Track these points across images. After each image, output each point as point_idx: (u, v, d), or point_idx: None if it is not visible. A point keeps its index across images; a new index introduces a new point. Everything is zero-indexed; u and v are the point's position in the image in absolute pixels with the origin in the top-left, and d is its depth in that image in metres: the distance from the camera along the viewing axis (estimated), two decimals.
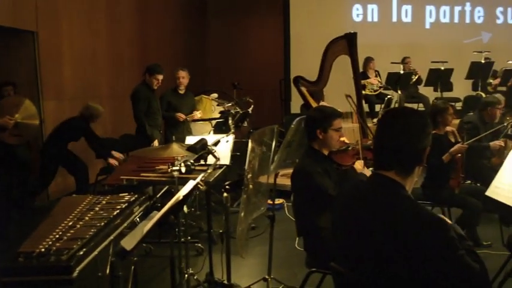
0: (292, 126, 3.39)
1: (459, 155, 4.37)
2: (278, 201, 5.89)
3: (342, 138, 3.24)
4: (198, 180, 2.55)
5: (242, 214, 3.10)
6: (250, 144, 3.11)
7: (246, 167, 3.09)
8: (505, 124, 5.70)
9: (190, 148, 3.10)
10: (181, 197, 2.36)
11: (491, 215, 4.83)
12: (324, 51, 5.95)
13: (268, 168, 3.31)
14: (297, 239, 4.26)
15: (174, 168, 3.06)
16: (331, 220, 2.05)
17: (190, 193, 2.52)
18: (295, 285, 3.60)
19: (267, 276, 3.70)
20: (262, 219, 4.17)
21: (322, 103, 6.35)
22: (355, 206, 1.88)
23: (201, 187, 2.73)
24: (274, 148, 3.31)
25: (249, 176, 3.07)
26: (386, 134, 1.84)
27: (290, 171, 3.21)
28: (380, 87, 8.84)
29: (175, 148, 3.38)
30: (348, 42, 5.90)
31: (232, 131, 4.13)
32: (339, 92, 6.43)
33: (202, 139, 3.08)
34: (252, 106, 6.16)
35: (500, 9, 11.35)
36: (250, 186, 3.06)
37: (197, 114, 6.30)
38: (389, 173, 1.81)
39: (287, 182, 3.44)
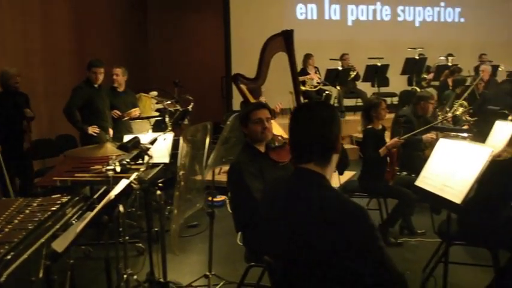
0: (228, 122, 3.40)
1: (395, 148, 4.51)
2: (220, 198, 5.90)
3: (277, 134, 3.27)
4: (131, 179, 2.51)
5: (175, 211, 3.08)
6: (181, 142, 3.09)
7: (178, 164, 3.07)
8: (441, 120, 5.94)
9: (121, 147, 3.04)
10: (113, 197, 2.32)
11: (425, 204, 5.03)
12: (262, 49, 5.98)
13: (203, 166, 3.30)
14: (239, 234, 4.29)
15: (109, 167, 3.00)
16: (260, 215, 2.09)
17: (124, 192, 2.48)
18: (237, 280, 3.63)
19: (208, 273, 3.70)
20: (204, 216, 4.17)
21: (261, 100, 6.37)
22: (280, 200, 1.92)
23: (135, 186, 2.69)
24: (209, 145, 3.31)
25: (181, 173, 3.06)
26: (299, 128, 1.91)
27: None
28: (318, 83, 9.00)
29: (110, 147, 3.32)
30: (285, 40, 5.94)
31: (170, 129, 4.09)
32: (279, 88, 6.51)
33: (135, 137, 3.03)
34: (192, 104, 6.11)
35: (428, 9, 11.88)
36: (182, 183, 3.04)
37: (134, 112, 6.15)
38: (308, 165, 1.87)
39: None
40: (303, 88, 9.01)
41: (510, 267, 3.20)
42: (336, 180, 5.08)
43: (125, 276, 3.41)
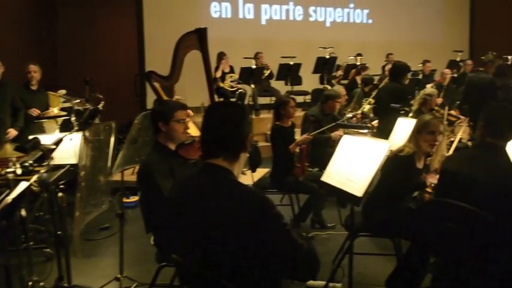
0: (136, 121, 3.34)
1: (304, 145, 4.64)
2: (133, 198, 5.79)
3: (188, 131, 3.27)
4: (31, 181, 2.40)
5: (77, 214, 2.99)
6: (82, 142, 3.00)
7: (79, 164, 2.98)
8: (349, 117, 6.17)
9: (19, 148, 2.91)
10: (9, 201, 2.21)
11: (334, 198, 5.22)
12: (175, 47, 5.91)
13: (107, 166, 3.22)
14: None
15: (9, 170, 2.86)
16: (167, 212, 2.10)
17: (23, 196, 2.37)
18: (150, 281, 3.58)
19: (119, 275, 3.63)
20: (117, 218, 4.08)
21: (176, 98, 6.32)
22: (188, 196, 1.97)
23: (35, 189, 2.58)
24: (115, 145, 3.24)
25: (82, 174, 2.97)
26: (211, 126, 1.99)
27: None
28: (232, 81, 9.05)
29: (10, 149, 3.15)
30: (198, 38, 5.89)
31: (76, 128, 3.94)
32: (194, 86, 6.46)
33: (34, 138, 2.91)
34: (103, 103, 5.94)
35: (339, 10, 12.32)
36: (83, 184, 2.96)
37: (54, 111, 5.95)
38: (217, 160, 1.95)
39: None
40: (221, 85, 9.05)
41: (411, 256, 3.38)
42: (249, 177, 5.14)
43: (30, 283, 3.27)
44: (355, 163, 2.91)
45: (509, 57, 10.45)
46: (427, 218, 2.82)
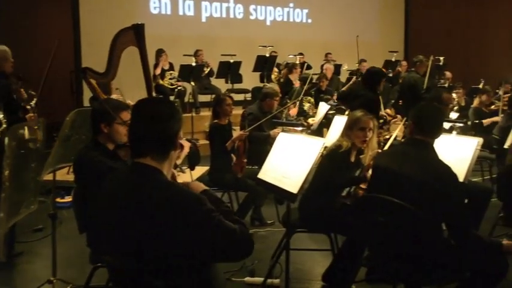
0: (68, 119, 3.23)
1: (240, 142, 4.65)
2: (68, 198, 5.62)
3: None
4: None
5: (1, 215, 2.86)
6: (7, 140, 2.87)
7: (4, 163, 2.86)
8: (278, 113, 6.23)
9: None
10: None
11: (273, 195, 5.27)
12: (111, 43, 5.77)
13: (37, 165, 3.11)
14: None
15: None
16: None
17: None
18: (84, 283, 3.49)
19: (52, 278, 3.52)
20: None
21: (114, 95, 6.19)
22: (117, 196, 1.92)
23: None
24: (46, 143, 3.12)
25: (7, 173, 2.85)
26: (138, 123, 1.94)
27: None
28: (171, 79, 8.95)
29: None
30: (135, 34, 5.77)
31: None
32: (132, 83, 6.34)
33: None
34: (36, 99, 5.72)
35: (279, 9, 12.44)
36: (7, 184, 2.84)
37: None
38: (145, 159, 1.89)
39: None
40: (160, 82, 8.92)
41: (346, 250, 3.46)
42: (188, 175, 5.10)
43: None
44: (290, 160, 2.95)
45: (441, 58, 10.94)
46: (361, 213, 2.90)
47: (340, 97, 6.80)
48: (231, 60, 9.54)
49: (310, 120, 6.33)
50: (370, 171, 3.12)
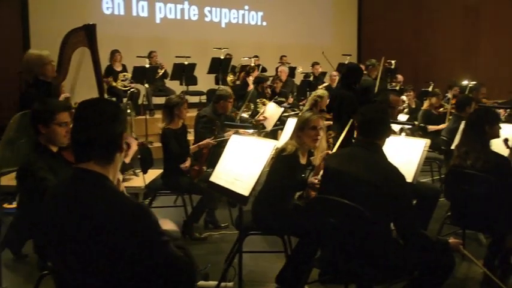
0: (11, 121, 3.12)
1: (206, 149, 4.64)
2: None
3: None
4: None
5: None
6: None
7: None
8: (244, 116, 6.23)
9: None
10: None
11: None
12: (61, 43, 5.64)
13: None
14: None
15: None
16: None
17: None
18: None
19: None
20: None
21: (63, 96, 6.03)
22: (59, 204, 1.82)
23: None
24: None
25: None
26: (80, 125, 1.85)
27: None
28: (124, 80, 8.81)
29: None
30: (86, 34, 5.67)
31: None
32: (84, 85, 6.20)
33: None
34: None
35: (234, 11, 12.44)
36: None
37: None
38: (88, 164, 1.80)
39: None
40: (113, 84, 8.76)
41: (298, 251, 3.48)
42: (141, 179, 5.04)
43: None
44: (242, 163, 2.95)
45: (393, 61, 11.18)
46: (312, 214, 2.93)
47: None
48: (186, 62, 9.47)
49: (260, 117, 6.33)
50: (321, 173, 3.15)
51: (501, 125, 3.82)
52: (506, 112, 7.18)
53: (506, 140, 3.92)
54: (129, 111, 7.05)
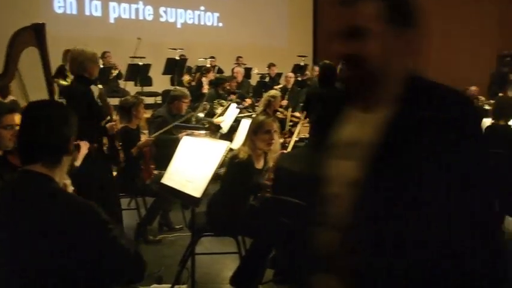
0: None
1: (147, 147, 4.55)
2: None
3: None
4: None
5: None
6: None
7: None
8: (200, 116, 6.19)
9: None
10: None
11: None
12: (9, 42, 5.46)
13: None
14: None
15: None
16: None
17: None
18: None
19: None
20: None
21: (9, 98, 5.86)
22: (4, 206, 1.78)
23: None
24: None
25: None
26: (27, 127, 1.84)
27: None
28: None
29: None
30: (35, 33, 5.50)
31: None
32: (34, 85, 6.03)
33: None
34: None
35: (190, 12, 12.37)
36: None
37: None
38: (35, 166, 1.77)
39: None
40: (64, 83, 8.53)
41: (252, 252, 3.48)
42: None
43: None
44: (194, 164, 2.93)
45: None
46: (266, 215, 2.93)
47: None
48: (140, 63, 9.36)
49: (218, 119, 6.31)
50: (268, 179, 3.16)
51: None
52: None
53: None
54: None
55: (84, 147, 2.80)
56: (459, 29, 13.07)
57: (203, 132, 4.11)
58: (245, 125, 4.73)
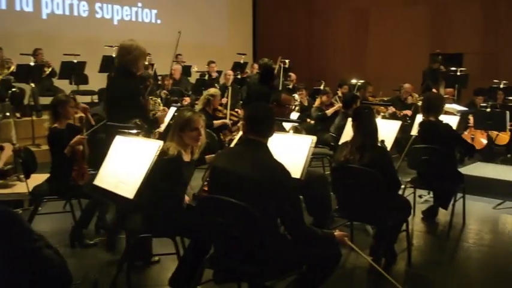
0: None
1: (80, 146, 4.39)
2: None
3: None
4: None
5: None
6: None
7: None
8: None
9: None
10: None
11: None
12: None
13: None
14: None
15: None
16: None
17: None
18: None
19: None
20: None
21: None
22: None
23: None
24: None
25: None
26: None
27: None
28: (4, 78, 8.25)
29: None
30: None
31: None
32: None
33: None
34: None
35: (126, 8, 12.10)
36: None
37: None
38: None
39: None
40: None
41: (190, 252, 3.44)
42: (25, 185, 4.72)
43: None
44: (126, 164, 2.85)
45: (287, 61, 11.46)
46: (202, 214, 2.89)
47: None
48: (75, 60, 9.05)
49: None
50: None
51: (382, 122, 4.03)
52: (388, 109, 7.63)
53: (382, 142, 4.13)
54: (8, 113, 6.60)
55: (8, 148, 2.69)
56: (394, 29, 13.51)
57: (134, 131, 3.96)
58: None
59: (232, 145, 4.39)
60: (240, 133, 4.51)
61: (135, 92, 4.22)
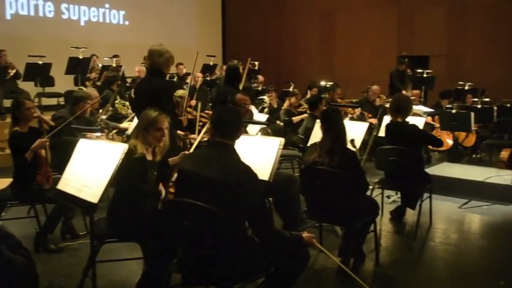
0: None
1: (43, 150, 4.29)
2: None
3: None
4: None
5: None
6: None
7: None
8: (103, 118, 5.95)
9: None
10: None
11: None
12: None
13: None
14: None
15: None
16: None
17: None
18: None
19: None
20: None
21: None
22: None
23: None
24: None
25: None
26: None
27: None
28: None
29: None
30: None
31: None
32: None
33: None
34: None
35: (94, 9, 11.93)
36: None
37: None
38: None
39: None
40: None
41: (157, 256, 3.38)
42: None
43: None
44: (90, 168, 2.79)
45: (256, 63, 11.46)
46: (168, 218, 2.86)
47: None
48: (40, 62, 8.87)
49: (126, 124, 6.13)
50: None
51: (350, 123, 4.05)
52: (356, 111, 7.69)
53: (352, 141, 4.16)
54: None
55: None
56: (361, 31, 13.69)
57: (98, 134, 3.89)
58: None
59: (193, 147, 4.34)
60: (201, 135, 4.50)
61: (172, 90, 4.57)
